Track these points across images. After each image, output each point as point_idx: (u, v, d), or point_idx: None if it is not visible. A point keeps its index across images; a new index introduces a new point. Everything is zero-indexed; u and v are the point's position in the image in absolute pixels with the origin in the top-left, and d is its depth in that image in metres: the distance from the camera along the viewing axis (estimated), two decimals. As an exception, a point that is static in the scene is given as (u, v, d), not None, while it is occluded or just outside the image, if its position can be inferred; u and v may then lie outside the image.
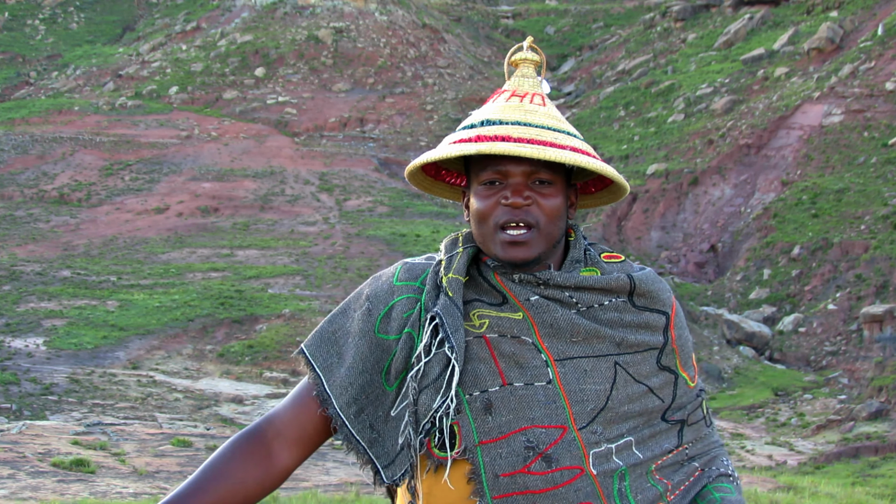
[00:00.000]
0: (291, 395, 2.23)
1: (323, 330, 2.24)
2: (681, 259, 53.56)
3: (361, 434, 2.16)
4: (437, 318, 2.11)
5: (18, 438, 15.17)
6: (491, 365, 2.11)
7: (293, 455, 2.19)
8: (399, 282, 2.21)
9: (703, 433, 2.25)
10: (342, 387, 2.17)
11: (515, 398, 2.08)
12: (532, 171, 2.13)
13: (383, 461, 2.16)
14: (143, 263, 51.12)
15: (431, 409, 2.08)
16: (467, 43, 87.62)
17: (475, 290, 2.19)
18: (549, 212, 2.13)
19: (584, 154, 2.13)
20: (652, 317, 2.19)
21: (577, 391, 2.10)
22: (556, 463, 2.06)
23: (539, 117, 2.17)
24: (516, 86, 2.24)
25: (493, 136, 2.12)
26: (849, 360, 41.20)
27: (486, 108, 2.22)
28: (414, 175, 2.28)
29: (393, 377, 2.16)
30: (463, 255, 2.20)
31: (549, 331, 2.13)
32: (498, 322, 2.14)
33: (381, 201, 61.33)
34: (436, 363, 2.10)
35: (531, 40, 2.31)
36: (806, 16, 73.04)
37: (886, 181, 51.64)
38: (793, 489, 12.82)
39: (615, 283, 2.17)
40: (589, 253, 2.24)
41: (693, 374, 2.25)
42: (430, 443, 2.10)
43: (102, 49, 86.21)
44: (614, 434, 2.11)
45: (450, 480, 2.09)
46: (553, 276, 2.14)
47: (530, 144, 2.10)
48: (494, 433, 2.07)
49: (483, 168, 2.16)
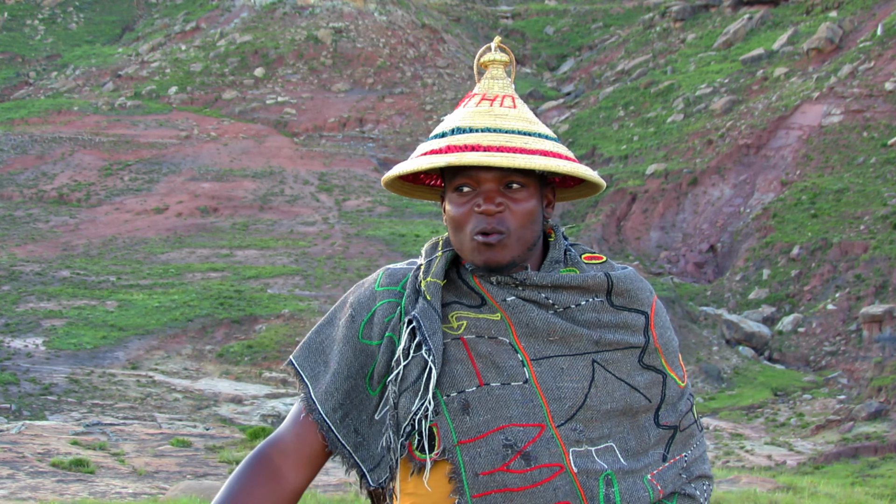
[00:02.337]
0: (291, 414, 2.24)
1: (310, 340, 2.26)
2: (680, 259, 53.56)
3: (347, 439, 2.18)
4: (415, 321, 2.13)
5: (18, 438, 15.17)
6: (468, 366, 2.12)
7: (302, 474, 2.20)
8: (380, 287, 2.23)
9: (695, 440, 2.25)
10: (327, 393, 2.19)
11: (492, 398, 2.09)
12: (504, 177, 2.14)
13: (369, 465, 2.17)
14: (142, 263, 51.12)
15: (411, 411, 2.10)
16: (466, 43, 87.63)
17: (455, 293, 2.20)
18: (521, 216, 2.14)
19: (555, 156, 2.14)
20: (631, 316, 2.19)
21: (553, 389, 2.10)
22: (534, 461, 2.06)
23: (509, 121, 2.17)
24: (486, 89, 2.24)
25: (462, 145, 2.13)
26: (848, 361, 41.21)
27: (457, 113, 2.23)
28: (391, 184, 2.29)
29: (376, 381, 2.17)
30: (441, 259, 2.21)
31: (525, 331, 2.14)
32: (476, 323, 2.15)
33: (381, 201, 61.34)
34: (414, 366, 2.12)
35: (499, 40, 2.30)
36: (805, 16, 73.06)
37: (886, 181, 51.65)
38: (792, 489, 12.82)
39: (592, 282, 2.18)
40: (569, 253, 2.25)
41: (682, 374, 2.25)
42: (410, 445, 2.11)
43: (102, 49, 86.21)
44: (596, 434, 2.11)
45: (432, 480, 2.10)
46: (530, 276, 2.15)
47: (500, 153, 2.10)
48: (473, 433, 2.08)
49: (455, 175, 2.17)
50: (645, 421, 2.17)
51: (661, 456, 2.17)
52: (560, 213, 54.71)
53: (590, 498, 2.08)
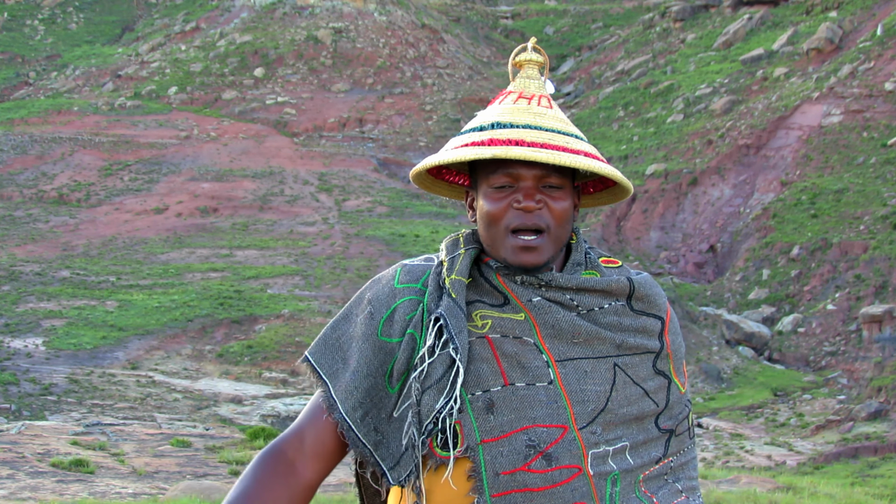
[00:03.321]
0: (307, 409, 2.24)
1: (326, 336, 2.25)
2: (680, 259, 53.57)
3: (367, 437, 2.17)
4: (442, 319, 2.13)
5: (17, 439, 15.17)
6: (493, 365, 2.12)
7: (316, 469, 2.20)
8: (400, 284, 2.22)
9: (686, 446, 2.25)
10: (347, 391, 2.18)
11: (517, 398, 2.10)
12: (543, 175, 2.13)
13: (389, 463, 2.16)
14: (142, 264, 51.13)
15: (434, 409, 2.10)
16: (466, 43, 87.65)
17: (476, 291, 2.20)
18: (559, 215, 2.14)
19: (596, 159, 2.15)
20: (649, 321, 2.20)
21: (578, 391, 2.11)
22: (555, 462, 2.07)
23: (548, 120, 2.17)
24: (522, 87, 2.23)
25: (506, 139, 2.12)
26: (848, 361, 41.21)
27: (494, 109, 2.21)
28: (418, 175, 2.28)
29: (395, 379, 2.17)
30: (465, 257, 2.20)
31: (550, 332, 2.14)
32: (500, 323, 2.15)
33: (381, 201, 61.35)
34: (439, 364, 2.11)
35: (535, 41, 2.29)
36: (805, 16, 73.08)
37: (885, 181, 51.67)
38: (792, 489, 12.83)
39: (616, 286, 2.18)
40: (589, 256, 2.25)
41: (684, 380, 2.26)
42: (432, 442, 2.11)
43: (101, 49, 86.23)
44: (612, 437, 2.12)
45: (451, 479, 2.09)
46: (555, 278, 2.15)
47: (544, 149, 2.11)
48: (496, 432, 2.08)
49: (494, 171, 2.15)
50: (648, 424, 2.18)
51: (657, 458, 2.18)
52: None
53: (601, 498, 2.09)
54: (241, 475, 2.20)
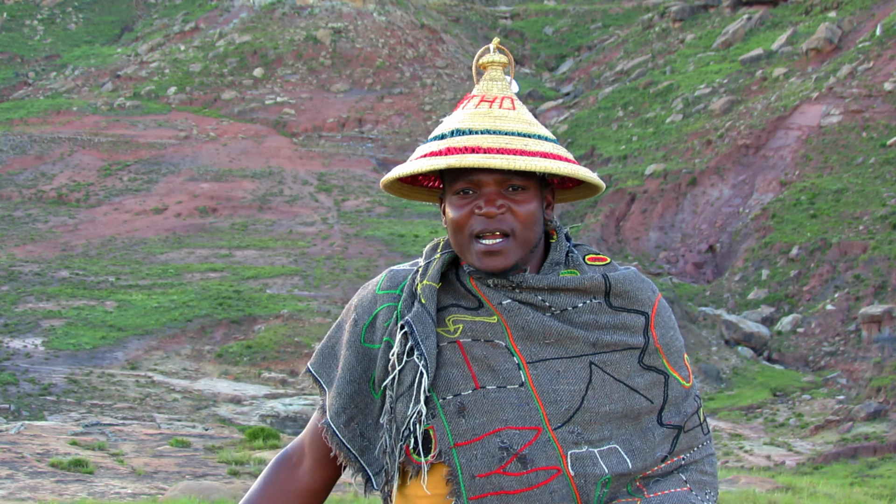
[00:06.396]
0: (313, 416, 2.30)
1: (323, 346, 2.29)
2: (679, 259, 53.58)
3: (352, 443, 2.20)
4: (407, 326, 2.14)
5: (17, 439, 15.17)
6: (464, 369, 2.13)
7: (320, 476, 2.26)
8: (381, 290, 2.24)
9: (699, 442, 2.21)
10: (332, 397, 2.21)
11: (488, 401, 2.10)
12: (504, 179, 2.13)
13: (374, 468, 2.19)
14: (141, 264, 51.12)
15: (407, 416, 2.11)
16: (466, 43, 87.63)
17: (453, 295, 2.20)
18: (523, 218, 2.13)
19: (554, 158, 2.13)
20: (630, 317, 2.18)
21: (549, 392, 2.10)
22: (531, 464, 2.06)
23: (509, 123, 2.16)
24: (485, 90, 2.23)
25: (462, 147, 2.12)
26: (847, 361, 41.21)
27: (456, 115, 2.21)
28: (390, 186, 2.28)
29: (377, 385, 2.19)
30: (438, 262, 2.21)
31: (521, 333, 2.14)
32: (472, 326, 2.16)
33: (380, 201, 61.35)
34: (409, 371, 2.13)
35: (497, 41, 2.28)
36: (804, 16, 73.08)
37: (885, 181, 51.67)
38: (791, 489, 12.83)
39: (589, 283, 2.17)
40: (571, 255, 2.23)
41: (687, 374, 2.23)
42: (408, 448, 2.12)
43: (101, 49, 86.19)
44: (596, 437, 2.10)
45: (430, 483, 2.11)
46: (526, 279, 2.15)
47: (500, 155, 2.09)
48: (468, 435, 2.09)
49: (456, 179, 2.16)
50: (648, 422, 2.15)
51: (662, 457, 2.16)
52: (559, 213, 54.70)
53: (585, 502, 2.07)
54: (255, 481, 2.30)
